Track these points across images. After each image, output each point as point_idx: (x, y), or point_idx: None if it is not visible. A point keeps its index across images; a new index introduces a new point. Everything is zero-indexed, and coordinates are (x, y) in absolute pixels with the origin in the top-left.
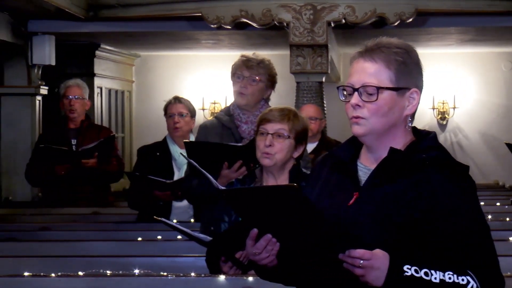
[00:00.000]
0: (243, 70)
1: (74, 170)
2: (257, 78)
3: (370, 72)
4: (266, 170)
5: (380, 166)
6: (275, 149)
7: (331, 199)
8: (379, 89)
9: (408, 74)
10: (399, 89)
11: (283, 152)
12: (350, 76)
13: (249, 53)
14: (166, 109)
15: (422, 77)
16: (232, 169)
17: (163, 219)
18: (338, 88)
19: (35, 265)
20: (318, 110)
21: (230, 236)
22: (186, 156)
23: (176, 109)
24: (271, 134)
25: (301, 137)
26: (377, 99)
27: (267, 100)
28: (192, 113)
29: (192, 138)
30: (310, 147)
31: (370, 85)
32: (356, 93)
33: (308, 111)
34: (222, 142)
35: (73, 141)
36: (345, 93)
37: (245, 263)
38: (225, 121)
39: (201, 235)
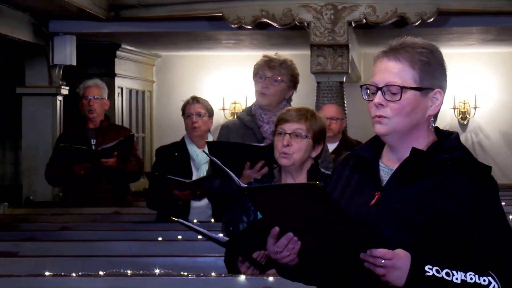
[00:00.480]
0: (265, 70)
1: (93, 170)
2: (279, 78)
3: (394, 71)
4: (285, 170)
5: (402, 166)
6: (293, 149)
7: (353, 199)
8: (402, 88)
9: (432, 75)
10: (422, 89)
11: (301, 152)
12: (373, 75)
13: (271, 53)
14: (184, 109)
15: (446, 78)
16: (254, 169)
17: (180, 220)
18: (361, 87)
19: (56, 264)
20: (339, 110)
21: (247, 236)
22: (207, 153)
23: (194, 109)
24: (289, 134)
25: (319, 137)
26: (400, 98)
27: (289, 100)
28: (210, 112)
29: (210, 138)
30: (331, 147)
31: (394, 85)
32: (379, 92)
33: (329, 111)
34: (244, 142)
35: (93, 141)
36: (368, 92)
37: (263, 263)
38: (247, 121)
39: (218, 236)
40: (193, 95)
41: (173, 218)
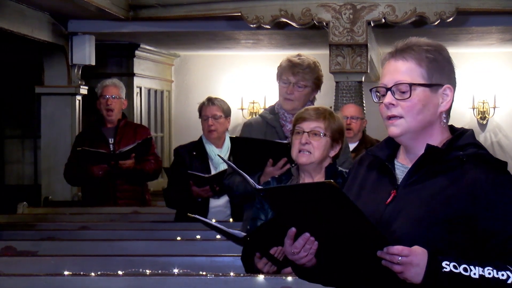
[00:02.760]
0: (289, 76)
1: (111, 171)
2: (303, 83)
3: (402, 70)
4: (302, 169)
5: (417, 164)
6: (311, 147)
7: (369, 198)
8: (411, 85)
9: (440, 71)
10: (431, 86)
11: (320, 150)
12: (382, 78)
13: (294, 55)
14: (201, 110)
15: (454, 74)
16: (276, 166)
17: (197, 216)
18: (371, 90)
19: (75, 264)
20: (359, 109)
21: (264, 232)
22: (222, 157)
23: (210, 111)
24: (307, 132)
25: (337, 136)
26: (410, 96)
27: (313, 101)
28: (226, 113)
29: (228, 137)
30: (351, 146)
31: (403, 83)
32: (389, 92)
33: (349, 110)
34: (267, 139)
35: (110, 140)
36: (378, 94)
37: (280, 259)
38: (270, 119)
39: (235, 231)
40: (209, 96)
41: (189, 214)
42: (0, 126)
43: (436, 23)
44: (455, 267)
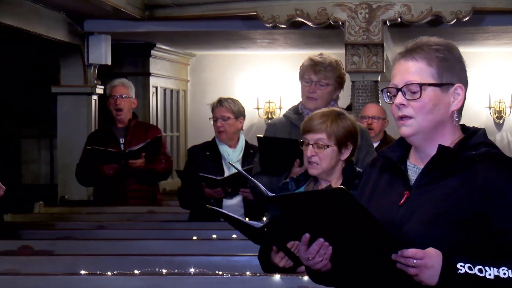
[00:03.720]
0: (311, 75)
1: (122, 170)
2: (325, 82)
3: (412, 70)
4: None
5: (429, 164)
6: (318, 159)
7: (382, 199)
8: (421, 85)
9: (451, 70)
10: (442, 85)
11: (326, 160)
12: (393, 78)
13: (316, 54)
14: (212, 111)
15: (465, 73)
16: (303, 167)
17: (215, 208)
18: (382, 90)
19: (91, 263)
20: (381, 109)
21: (282, 224)
22: (234, 165)
23: (219, 113)
24: (312, 144)
25: (343, 140)
26: (420, 96)
27: (336, 99)
28: (237, 114)
29: (243, 137)
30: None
31: (413, 83)
32: (399, 93)
33: (371, 110)
34: (296, 139)
35: (121, 140)
36: (389, 94)
37: (297, 254)
38: (294, 119)
39: (253, 222)
40: (220, 97)
41: (208, 205)
42: (16, 126)
43: (452, 23)
44: (470, 268)
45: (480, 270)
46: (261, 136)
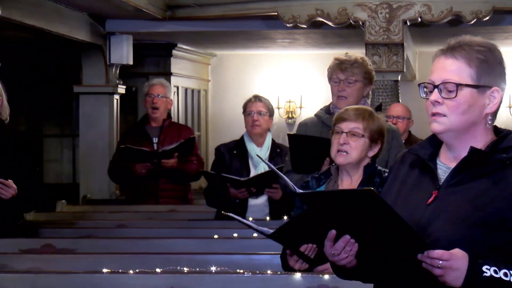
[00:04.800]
0: (338, 74)
1: (154, 170)
2: (353, 79)
3: (451, 69)
4: (341, 168)
5: (460, 165)
6: (349, 148)
7: (410, 197)
8: (458, 86)
9: (490, 73)
10: (479, 87)
11: (358, 150)
12: (431, 74)
13: (341, 54)
14: (246, 107)
15: (504, 76)
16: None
17: (230, 214)
18: (419, 85)
19: (114, 262)
20: (405, 109)
21: (292, 229)
22: (263, 159)
23: (256, 107)
24: (346, 132)
25: (376, 136)
26: (456, 96)
27: (367, 96)
28: (271, 112)
29: (270, 137)
30: None
31: (450, 82)
32: (436, 90)
33: (396, 110)
34: (326, 138)
35: (154, 139)
36: (425, 90)
37: (312, 257)
38: (325, 119)
39: (264, 228)
40: (256, 94)
41: (223, 212)
42: (39, 125)
43: (472, 22)
44: (495, 271)
45: (505, 274)
46: (292, 133)
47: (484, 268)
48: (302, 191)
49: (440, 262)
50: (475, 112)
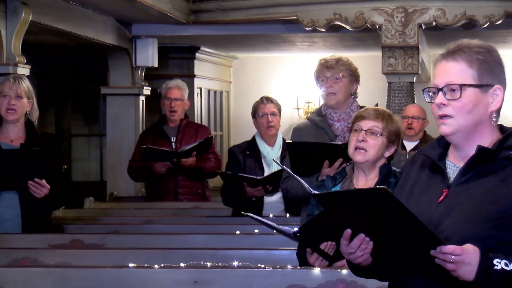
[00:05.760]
0: (324, 72)
1: (173, 168)
2: (340, 75)
3: (453, 71)
4: (357, 167)
5: (468, 164)
6: (367, 145)
7: (421, 196)
8: (462, 86)
9: (491, 72)
10: (482, 86)
11: (375, 148)
12: (434, 78)
13: (326, 55)
14: (257, 109)
15: (504, 75)
16: (333, 167)
17: (250, 214)
18: (423, 90)
19: (140, 256)
20: (421, 110)
21: (313, 228)
22: (278, 163)
23: (269, 109)
24: (365, 130)
25: (393, 138)
26: (460, 96)
27: (355, 94)
28: (280, 112)
29: (280, 136)
30: (412, 144)
31: (454, 83)
32: (440, 92)
33: (412, 110)
34: (323, 142)
35: (173, 139)
36: (430, 94)
37: (331, 254)
38: (318, 121)
39: (285, 228)
40: (264, 95)
41: (243, 212)
42: (68, 125)
43: (485, 26)
44: (506, 264)
45: None
46: (290, 141)
47: (495, 261)
48: (317, 191)
49: (453, 257)
50: (480, 111)
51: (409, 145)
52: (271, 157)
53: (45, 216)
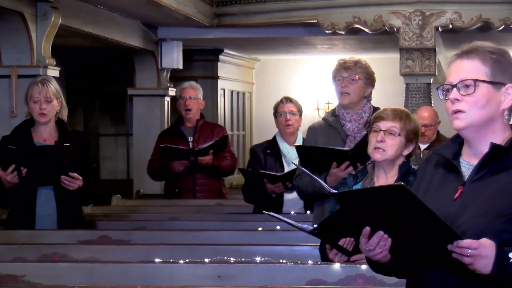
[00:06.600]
0: (341, 72)
1: (190, 166)
2: (356, 77)
3: (467, 69)
4: (378, 166)
5: (482, 162)
6: (386, 145)
7: (437, 194)
8: (476, 81)
9: (503, 71)
10: (495, 83)
11: (394, 148)
12: (448, 77)
13: (345, 56)
14: (277, 108)
15: None
16: (340, 168)
17: (271, 213)
18: (437, 88)
19: (165, 252)
20: (432, 115)
21: (330, 225)
22: (297, 165)
23: (288, 108)
24: (383, 131)
25: (411, 136)
26: (474, 91)
27: (368, 97)
28: (300, 112)
29: (300, 135)
30: (425, 144)
31: (468, 79)
32: (454, 88)
33: (423, 117)
34: (330, 147)
35: (190, 138)
36: (444, 91)
37: (350, 250)
38: (331, 121)
39: (304, 225)
40: (285, 95)
41: (264, 211)
42: (95, 125)
43: (500, 28)
44: None
45: None
46: (299, 145)
47: (511, 254)
48: (335, 191)
49: (469, 251)
50: (493, 107)
51: (423, 145)
52: (291, 155)
53: (75, 212)
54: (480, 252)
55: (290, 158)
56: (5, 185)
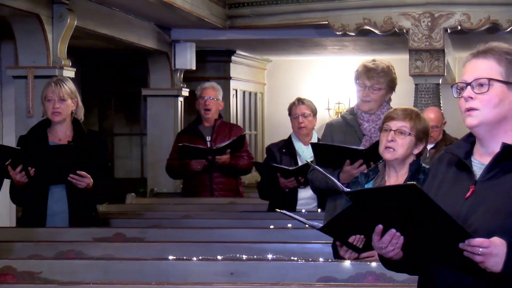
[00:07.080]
0: (364, 80)
1: (208, 165)
2: (377, 86)
3: (482, 67)
4: (388, 165)
5: (493, 161)
6: (396, 145)
7: (449, 193)
8: (490, 80)
9: None
10: (509, 83)
11: (404, 147)
12: (462, 75)
13: (369, 60)
14: (291, 110)
15: None
16: (353, 166)
17: (282, 211)
18: (452, 86)
19: (179, 249)
20: (438, 116)
21: (339, 222)
22: (311, 164)
23: (300, 110)
24: (394, 130)
25: (421, 135)
26: (488, 90)
27: (388, 101)
28: (314, 112)
29: (315, 135)
30: (431, 144)
31: (482, 78)
32: (468, 87)
33: (429, 118)
34: (345, 145)
35: (208, 138)
36: (458, 89)
37: (360, 247)
38: (349, 119)
39: (314, 223)
40: (298, 96)
41: (276, 209)
42: (110, 125)
43: (508, 30)
44: None
45: None
46: (314, 142)
47: None
48: (348, 189)
49: (481, 249)
50: (506, 107)
51: (429, 145)
52: (306, 155)
53: (91, 210)
54: (491, 250)
55: (305, 157)
56: (16, 184)
